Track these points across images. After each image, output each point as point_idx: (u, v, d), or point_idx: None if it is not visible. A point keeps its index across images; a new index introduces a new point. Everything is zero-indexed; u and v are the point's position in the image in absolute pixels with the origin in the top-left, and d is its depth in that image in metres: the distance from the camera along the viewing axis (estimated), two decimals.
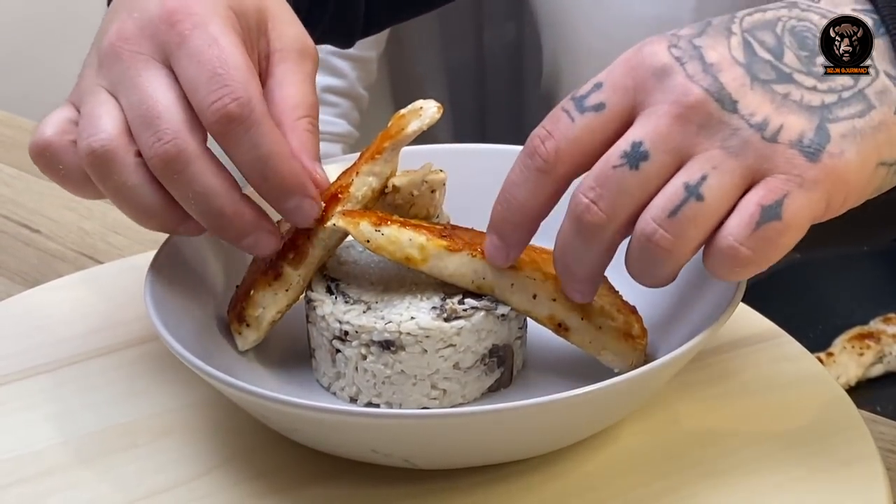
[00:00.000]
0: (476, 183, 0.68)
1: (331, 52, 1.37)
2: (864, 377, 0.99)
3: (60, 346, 0.68)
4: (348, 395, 0.59)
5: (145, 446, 0.61)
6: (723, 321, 0.56)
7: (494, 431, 0.53)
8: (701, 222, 0.51)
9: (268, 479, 0.58)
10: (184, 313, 0.61)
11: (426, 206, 0.62)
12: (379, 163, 0.60)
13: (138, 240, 0.86)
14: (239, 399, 0.56)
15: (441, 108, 0.59)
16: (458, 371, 0.58)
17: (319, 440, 0.56)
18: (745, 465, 0.57)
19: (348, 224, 0.58)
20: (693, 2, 1.27)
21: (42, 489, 0.58)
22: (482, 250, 0.58)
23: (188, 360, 0.55)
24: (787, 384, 0.62)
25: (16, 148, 1.01)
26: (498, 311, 0.58)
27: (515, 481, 0.57)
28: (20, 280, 0.82)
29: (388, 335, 0.57)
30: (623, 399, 0.56)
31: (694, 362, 0.62)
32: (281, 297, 0.60)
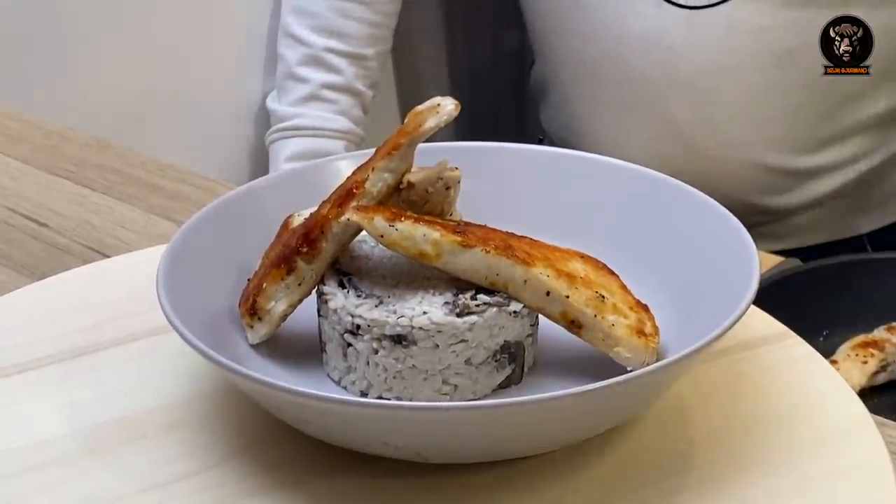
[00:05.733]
0: (488, 181, 0.68)
1: (326, 50, 1.37)
2: (867, 385, 0.99)
3: (68, 339, 0.68)
4: (359, 389, 0.59)
5: (154, 438, 0.61)
6: (735, 320, 0.56)
7: (507, 426, 0.53)
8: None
9: (277, 471, 0.58)
10: (195, 306, 0.61)
11: (440, 203, 0.62)
12: (395, 159, 0.60)
13: (146, 234, 0.86)
14: (252, 390, 0.56)
15: (458, 105, 0.59)
16: (469, 367, 0.58)
17: (331, 432, 0.56)
18: (754, 466, 0.57)
19: (362, 219, 0.58)
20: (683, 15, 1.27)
21: (51, 479, 0.58)
22: (495, 247, 0.58)
23: (202, 351, 0.55)
24: (798, 385, 0.62)
25: (22, 142, 1.01)
26: (510, 307, 0.58)
27: (525, 477, 0.57)
28: (27, 273, 0.82)
29: (400, 329, 0.57)
30: (635, 396, 0.56)
31: (704, 362, 0.62)
32: (293, 291, 0.60)
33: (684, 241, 0.64)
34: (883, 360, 0.99)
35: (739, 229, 0.62)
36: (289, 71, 1.39)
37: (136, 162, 0.97)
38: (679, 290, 0.62)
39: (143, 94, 1.37)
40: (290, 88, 1.39)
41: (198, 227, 0.65)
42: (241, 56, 1.45)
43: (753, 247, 0.61)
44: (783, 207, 1.36)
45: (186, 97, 1.41)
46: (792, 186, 1.34)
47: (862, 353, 0.99)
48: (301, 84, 1.38)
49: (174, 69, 1.39)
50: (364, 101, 1.40)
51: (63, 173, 0.95)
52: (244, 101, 1.45)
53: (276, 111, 1.40)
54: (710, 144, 1.31)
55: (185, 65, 1.41)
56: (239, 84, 1.45)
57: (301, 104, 1.38)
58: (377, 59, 1.41)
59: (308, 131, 1.37)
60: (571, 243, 0.63)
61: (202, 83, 1.43)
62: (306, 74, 1.38)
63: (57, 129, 1.03)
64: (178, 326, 0.57)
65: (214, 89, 1.44)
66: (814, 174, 1.34)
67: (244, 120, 1.46)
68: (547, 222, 0.66)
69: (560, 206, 0.68)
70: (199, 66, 1.42)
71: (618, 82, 1.32)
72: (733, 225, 0.63)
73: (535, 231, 0.62)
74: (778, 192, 1.34)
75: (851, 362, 0.99)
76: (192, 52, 1.41)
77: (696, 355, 0.55)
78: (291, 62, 1.38)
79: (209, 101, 1.44)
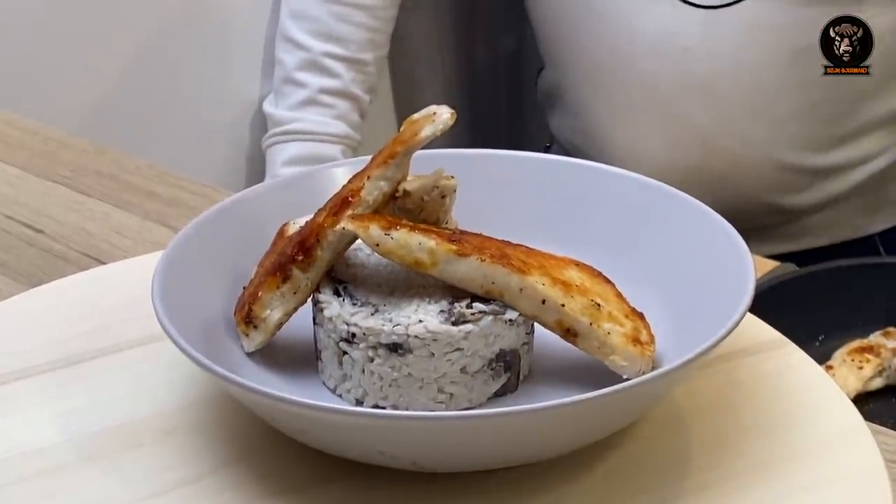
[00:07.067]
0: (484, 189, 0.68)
1: (324, 54, 1.37)
2: (863, 390, 0.99)
3: (64, 346, 0.68)
4: (354, 397, 0.59)
5: (150, 446, 0.61)
6: (731, 329, 0.56)
7: (504, 434, 0.53)
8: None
9: (273, 479, 0.58)
10: (190, 314, 0.61)
11: (436, 212, 0.62)
12: (391, 167, 0.60)
13: (142, 241, 0.86)
14: (247, 399, 0.56)
15: (454, 114, 0.59)
16: (465, 375, 0.58)
17: (327, 441, 0.56)
18: (751, 473, 0.57)
19: (358, 228, 0.58)
20: (701, 15, 1.27)
21: (48, 487, 0.58)
22: (491, 255, 0.58)
23: (196, 359, 0.55)
24: (793, 393, 0.62)
25: (20, 148, 1.01)
26: (506, 315, 0.58)
27: (522, 485, 0.57)
28: (24, 280, 0.82)
29: (395, 338, 0.57)
30: (630, 404, 0.56)
31: (700, 369, 0.62)
32: (289, 300, 0.60)
33: (679, 248, 0.64)
34: (879, 365, 0.99)
35: (735, 237, 0.62)
36: (287, 75, 1.39)
37: (132, 168, 0.97)
38: (674, 298, 0.62)
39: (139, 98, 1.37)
40: (288, 92, 1.39)
41: (193, 235, 0.65)
42: (239, 60, 1.45)
43: (749, 254, 0.61)
44: (799, 206, 1.36)
45: (183, 101, 1.41)
46: (808, 185, 1.35)
47: (858, 359, 0.99)
48: (299, 88, 1.38)
49: (171, 73, 1.40)
50: (362, 105, 1.40)
51: (60, 179, 0.95)
52: (241, 106, 1.45)
53: (273, 115, 1.40)
54: (728, 144, 1.31)
55: (183, 69, 1.41)
56: (236, 88, 1.45)
57: (299, 108, 1.38)
58: (375, 63, 1.41)
59: (305, 136, 1.37)
60: (567, 251, 0.63)
61: (199, 87, 1.43)
62: (304, 79, 1.38)
63: (54, 135, 1.03)
64: (172, 335, 0.57)
65: (212, 93, 1.44)
66: (830, 172, 1.35)
67: (241, 124, 1.46)
68: (542, 230, 0.66)
69: (555, 214, 0.68)
70: (196, 70, 1.42)
71: (632, 85, 1.32)
72: (729, 233, 0.63)
73: (531, 239, 0.62)
74: (795, 191, 1.35)
75: (847, 367, 0.99)
76: (190, 56, 1.41)
77: (692, 364, 0.55)
78: (289, 66, 1.38)
79: (206, 105, 1.44)
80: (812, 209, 1.37)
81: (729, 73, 1.28)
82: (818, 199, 1.36)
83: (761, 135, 1.31)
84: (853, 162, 1.35)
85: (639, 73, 1.31)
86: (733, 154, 1.31)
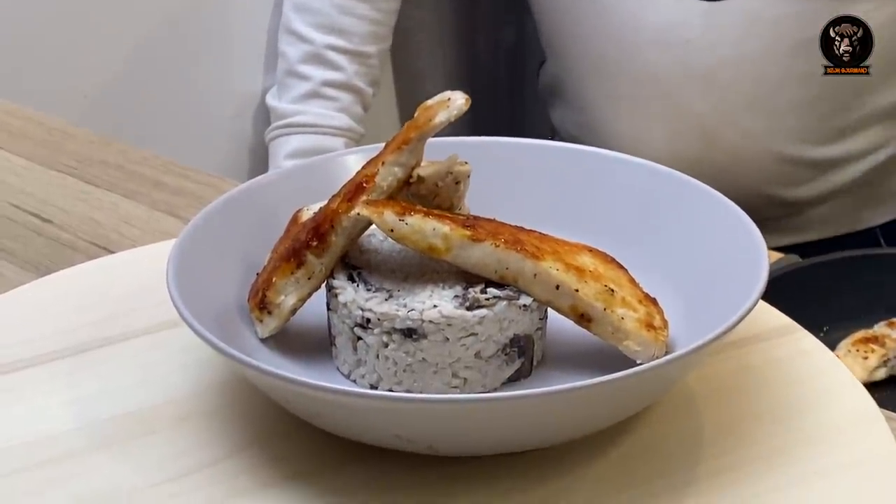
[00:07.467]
0: (497, 175, 0.68)
1: (328, 47, 1.37)
2: (868, 380, 0.99)
3: (73, 334, 0.68)
4: (369, 382, 0.60)
5: (163, 432, 0.61)
6: (744, 314, 0.56)
7: (520, 417, 0.53)
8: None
9: (287, 463, 0.58)
10: (205, 300, 0.61)
11: (450, 198, 0.62)
12: (405, 153, 0.60)
13: (150, 230, 0.86)
14: (263, 383, 0.56)
15: (468, 100, 0.59)
16: (479, 360, 0.58)
17: (343, 425, 0.56)
18: (764, 459, 0.57)
19: (372, 213, 0.58)
20: (703, 7, 1.27)
21: (61, 474, 0.58)
22: (505, 241, 0.58)
23: (213, 344, 0.56)
24: (806, 378, 0.62)
25: (25, 138, 1.01)
26: (520, 301, 0.59)
27: (535, 469, 0.57)
28: (31, 269, 0.82)
29: (410, 323, 0.57)
30: (644, 389, 0.56)
31: (713, 355, 0.62)
32: (303, 285, 0.60)
33: (693, 234, 0.64)
34: (884, 355, 0.99)
35: (748, 223, 0.63)
36: (290, 68, 1.39)
37: (138, 158, 0.97)
38: (688, 283, 0.63)
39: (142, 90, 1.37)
40: (291, 85, 1.38)
41: (207, 222, 0.65)
42: (241, 52, 1.45)
43: (762, 240, 0.61)
44: (800, 199, 1.37)
45: (186, 94, 1.41)
46: (810, 177, 1.35)
47: (863, 349, 0.99)
48: (302, 81, 1.38)
49: (174, 65, 1.39)
50: (364, 98, 1.40)
51: (66, 170, 0.95)
52: (244, 98, 1.45)
53: (276, 108, 1.40)
54: (729, 136, 1.31)
55: (185, 62, 1.41)
56: (239, 81, 1.45)
57: (302, 101, 1.38)
58: (378, 56, 1.41)
59: (308, 128, 1.37)
60: (580, 237, 0.63)
61: (202, 80, 1.43)
62: (307, 71, 1.37)
63: (59, 126, 1.03)
64: (188, 320, 0.57)
65: (214, 86, 1.44)
66: (831, 165, 1.35)
67: (244, 117, 1.46)
68: (555, 216, 0.66)
69: (569, 201, 0.68)
70: (198, 63, 1.42)
71: (634, 77, 1.32)
72: (742, 219, 0.63)
73: (544, 225, 0.63)
74: (796, 184, 1.35)
75: (852, 358, 0.99)
76: (192, 49, 1.41)
77: (705, 349, 0.55)
78: (292, 59, 1.38)
79: (209, 97, 1.44)
80: (813, 202, 1.38)
81: (730, 64, 1.28)
82: (819, 191, 1.37)
83: (762, 127, 1.31)
84: (854, 155, 1.36)
85: (641, 65, 1.31)
86: (734, 146, 1.32)
